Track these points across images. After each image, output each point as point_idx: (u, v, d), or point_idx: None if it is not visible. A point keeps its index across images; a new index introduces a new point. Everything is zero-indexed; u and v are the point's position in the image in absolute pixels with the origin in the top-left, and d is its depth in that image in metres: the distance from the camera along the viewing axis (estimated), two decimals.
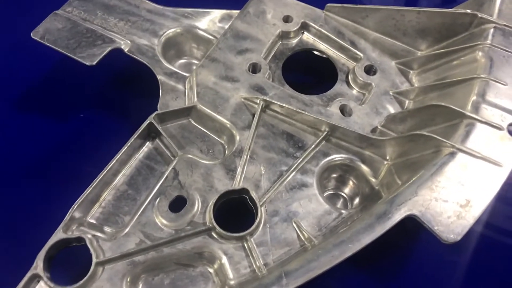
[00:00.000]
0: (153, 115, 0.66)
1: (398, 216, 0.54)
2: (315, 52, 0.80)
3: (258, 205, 0.60)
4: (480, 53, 0.65)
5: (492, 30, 0.66)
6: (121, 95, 0.84)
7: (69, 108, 0.82)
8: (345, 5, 0.75)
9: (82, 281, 0.55)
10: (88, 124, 0.81)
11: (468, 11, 0.68)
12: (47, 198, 0.73)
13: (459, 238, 0.53)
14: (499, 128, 0.59)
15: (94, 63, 0.71)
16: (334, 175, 0.68)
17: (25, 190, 0.74)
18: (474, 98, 0.61)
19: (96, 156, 0.75)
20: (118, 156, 0.63)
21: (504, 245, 0.71)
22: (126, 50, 0.74)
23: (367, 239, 0.54)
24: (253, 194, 0.61)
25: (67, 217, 0.58)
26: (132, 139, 0.64)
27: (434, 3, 1.07)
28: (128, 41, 0.75)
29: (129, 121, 0.80)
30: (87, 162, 0.76)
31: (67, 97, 0.83)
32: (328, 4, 0.77)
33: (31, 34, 0.73)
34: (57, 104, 0.82)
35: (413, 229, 0.68)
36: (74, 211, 0.59)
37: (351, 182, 0.68)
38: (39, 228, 0.69)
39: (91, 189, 0.60)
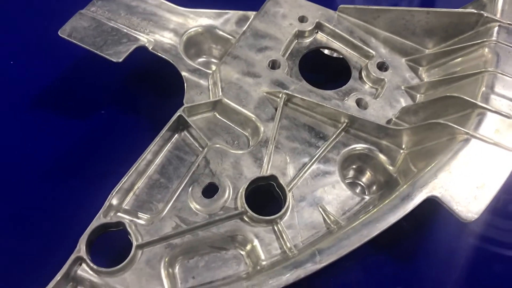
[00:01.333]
0: (182, 108, 0.69)
1: (420, 197, 0.59)
2: (326, 52, 0.86)
3: (286, 191, 0.64)
4: (486, 49, 0.71)
5: (497, 28, 0.72)
6: (141, 93, 0.87)
7: (91, 105, 0.84)
8: (357, 6, 0.80)
9: (123, 263, 0.58)
10: (109, 120, 0.83)
11: (475, 10, 0.73)
12: (70, 192, 0.76)
13: (476, 216, 0.58)
14: (508, 116, 0.64)
15: (121, 60, 0.74)
16: (353, 166, 0.72)
17: (48, 184, 0.76)
18: (483, 89, 0.66)
19: (117, 152, 0.79)
20: (151, 147, 0.66)
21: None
22: (150, 48, 0.77)
23: (392, 218, 0.58)
24: (281, 181, 0.64)
25: (106, 203, 0.61)
26: (163, 131, 0.67)
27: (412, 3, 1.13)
28: (152, 40, 0.78)
29: (148, 118, 0.83)
30: (109, 158, 0.79)
31: (88, 94, 0.86)
32: (341, 5, 0.82)
33: (59, 32, 0.76)
34: (79, 101, 0.85)
35: (426, 214, 0.73)
36: (112, 198, 0.61)
37: (368, 172, 0.72)
38: (64, 220, 0.72)
39: (126, 178, 0.63)
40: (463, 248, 0.73)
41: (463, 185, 0.59)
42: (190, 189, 0.64)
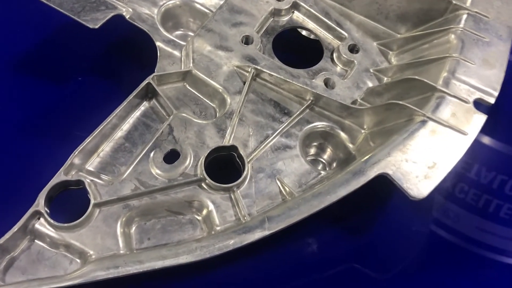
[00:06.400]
0: (152, 76, 0.71)
1: (372, 173, 0.60)
2: (303, 33, 0.87)
3: (246, 161, 0.65)
4: (452, 36, 0.72)
5: (465, 16, 0.73)
6: (119, 62, 0.87)
7: (68, 72, 0.85)
8: None
9: (79, 220, 0.59)
10: (85, 87, 0.85)
11: None
12: (40, 151, 0.77)
13: (425, 195, 0.59)
14: (465, 101, 0.65)
15: (97, 26, 0.75)
16: (315, 143, 0.73)
17: (18, 146, 0.78)
18: (445, 74, 0.67)
19: (91, 117, 0.79)
20: (116, 112, 0.67)
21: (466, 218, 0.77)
22: (127, 17, 0.78)
23: (343, 191, 0.60)
24: (241, 152, 0.66)
25: (68, 162, 0.63)
26: (130, 97, 0.69)
27: None
28: (130, 9, 0.79)
29: (124, 86, 0.83)
30: (81, 122, 0.78)
31: (67, 61, 0.87)
32: None
33: None
34: (57, 67, 0.86)
35: (382, 192, 0.74)
36: (74, 157, 0.63)
37: (329, 149, 0.73)
38: (30, 177, 0.73)
39: (90, 139, 0.65)
40: (418, 226, 0.75)
41: (415, 164, 0.61)
42: (152, 154, 0.65)
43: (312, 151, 0.74)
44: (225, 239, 0.58)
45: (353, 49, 0.80)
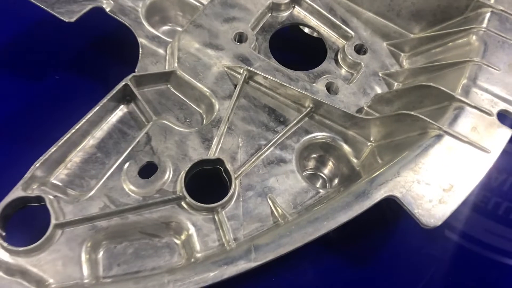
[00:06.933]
0: (130, 76, 0.63)
1: (377, 196, 0.53)
2: (305, 30, 0.79)
3: (233, 177, 0.58)
4: (474, 37, 0.65)
5: (488, 14, 0.66)
6: (100, 60, 0.81)
7: (45, 69, 0.79)
8: None
9: (37, 243, 0.52)
10: (63, 86, 0.78)
11: None
12: (10, 158, 0.70)
13: (439, 223, 0.52)
14: (488, 113, 0.57)
15: (73, 20, 0.68)
16: (314, 155, 0.66)
17: None
18: (464, 81, 0.60)
19: (68, 119, 0.72)
20: (88, 117, 0.60)
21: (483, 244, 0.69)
22: (107, 9, 0.70)
23: (343, 217, 0.52)
24: (228, 166, 0.58)
25: (28, 174, 0.55)
26: (104, 100, 0.61)
27: None
28: (111, 1, 0.71)
29: (106, 87, 0.77)
30: (58, 125, 0.72)
31: (44, 57, 0.80)
32: None
33: None
34: (33, 63, 0.79)
35: (391, 215, 0.66)
36: (36, 169, 0.55)
37: (331, 163, 0.66)
38: None
39: (56, 147, 0.57)
40: (430, 254, 0.66)
41: (428, 186, 0.53)
42: (126, 166, 0.57)
43: (311, 164, 0.66)
44: (203, 271, 0.50)
45: (360, 49, 0.72)
